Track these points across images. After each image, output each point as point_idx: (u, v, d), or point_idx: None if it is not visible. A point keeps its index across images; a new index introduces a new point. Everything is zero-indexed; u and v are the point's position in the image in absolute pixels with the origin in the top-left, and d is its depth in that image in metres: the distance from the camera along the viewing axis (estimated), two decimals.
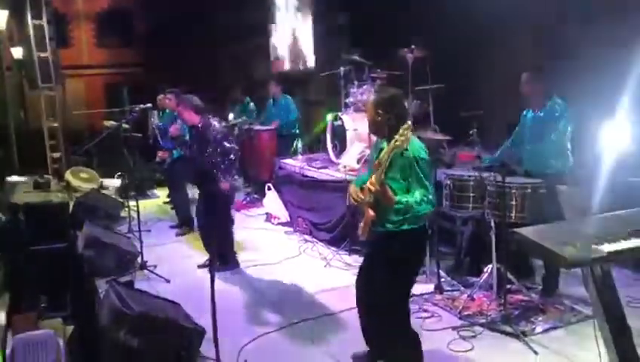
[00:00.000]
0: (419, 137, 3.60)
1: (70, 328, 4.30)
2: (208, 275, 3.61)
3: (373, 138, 6.42)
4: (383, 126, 3.37)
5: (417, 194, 3.19)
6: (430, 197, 3.25)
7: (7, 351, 3.53)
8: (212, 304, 3.59)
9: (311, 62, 10.18)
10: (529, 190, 4.35)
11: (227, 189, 5.58)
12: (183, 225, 7.46)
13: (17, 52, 11.98)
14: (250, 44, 12.78)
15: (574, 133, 4.66)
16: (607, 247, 2.33)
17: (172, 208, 7.99)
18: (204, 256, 5.98)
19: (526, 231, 2.48)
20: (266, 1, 11.46)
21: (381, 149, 3.35)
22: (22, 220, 4.94)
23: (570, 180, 4.49)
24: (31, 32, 10.16)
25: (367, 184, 3.23)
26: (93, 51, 19.62)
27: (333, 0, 9.36)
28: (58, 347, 3.63)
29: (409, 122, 3.18)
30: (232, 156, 5.60)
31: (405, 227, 3.33)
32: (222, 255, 5.86)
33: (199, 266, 5.93)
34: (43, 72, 10.32)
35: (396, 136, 3.08)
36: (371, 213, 3.30)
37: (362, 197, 3.35)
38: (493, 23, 6.46)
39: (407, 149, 3.14)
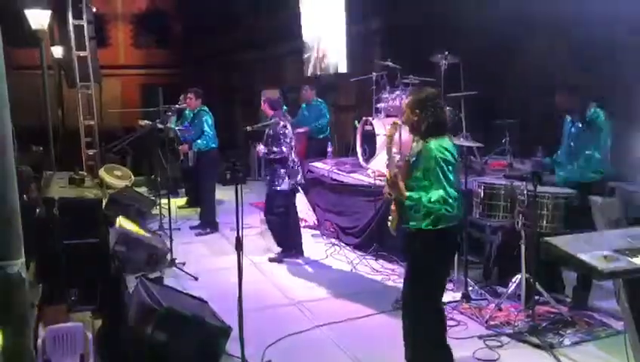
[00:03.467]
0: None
1: (99, 321, 4.38)
2: (236, 275, 3.65)
3: (404, 142, 6.41)
4: (419, 125, 3.42)
5: (433, 194, 3.24)
6: (451, 200, 3.24)
7: (38, 341, 3.62)
8: (239, 303, 3.63)
9: (343, 67, 10.19)
10: (562, 200, 4.27)
11: (259, 152, 6.17)
12: (207, 226, 7.52)
13: (57, 51, 12.29)
14: (284, 48, 12.86)
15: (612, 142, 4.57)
16: None
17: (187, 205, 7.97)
18: (232, 255, 6.04)
19: (557, 241, 2.44)
20: (299, 5, 11.52)
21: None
22: (56, 214, 5.05)
23: (605, 191, 4.40)
24: (71, 31, 10.39)
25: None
26: (130, 52, 20.03)
27: (366, 5, 9.36)
28: (87, 339, 3.70)
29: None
30: (281, 155, 6.02)
31: (426, 226, 3.37)
32: (289, 245, 6.34)
33: (270, 259, 6.29)
34: (81, 71, 10.55)
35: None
36: (392, 206, 3.46)
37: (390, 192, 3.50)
38: (528, 31, 6.39)
39: (431, 148, 3.27)
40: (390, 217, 3.57)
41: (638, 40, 5.15)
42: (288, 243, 6.36)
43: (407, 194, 3.30)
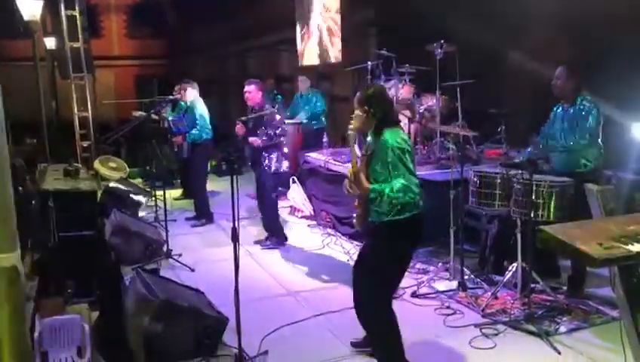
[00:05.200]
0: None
1: (96, 313, 4.38)
2: (232, 265, 3.64)
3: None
4: (369, 121, 3.48)
5: (395, 183, 3.27)
6: (413, 186, 3.28)
7: (35, 334, 3.61)
8: (236, 293, 3.63)
9: (338, 56, 10.16)
10: (557, 188, 4.28)
11: (256, 144, 6.07)
12: (201, 217, 7.52)
13: (50, 42, 12.22)
14: (278, 38, 12.81)
15: (603, 130, 4.58)
16: (636, 247, 2.28)
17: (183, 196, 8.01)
18: (229, 246, 6.04)
19: (552, 229, 2.44)
20: None
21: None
22: (52, 207, 5.03)
23: (599, 178, 4.41)
24: (64, 22, 10.32)
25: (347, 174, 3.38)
26: (124, 42, 19.92)
27: None
28: (84, 331, 3.70)
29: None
30: (280, 138, 6.11)
31: (391, 218, 3.38)
32: (270, 232, 6.45)
33: (255, 242, 6.45)
34: (74, 62, 10.49)
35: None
36: (356, 203, 3.48)
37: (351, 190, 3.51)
38: (524, 19, 6.38)
39: (386, 139, 3.32)
40: (355, 214, 3.59)
41: (636, 29, 5.14)
42: (276, 228, 6.49)
43: (371, 186, 3.32)
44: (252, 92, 6.21)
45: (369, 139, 3.57)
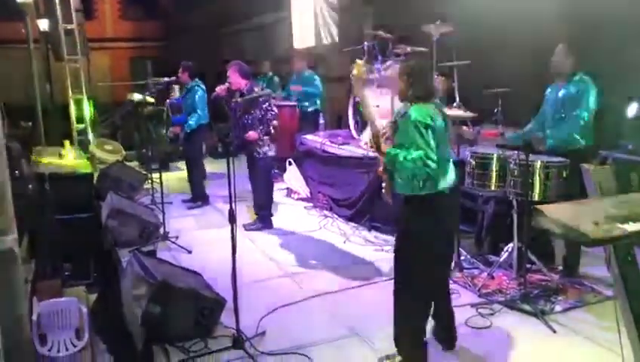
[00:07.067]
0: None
1: (93, 296, 4.40)
2: (229, 247, 3.65)
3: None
4: (407, 91, 3.42)
5: (412, 153, 3.17)
6: (430, 162, 3.14)
7: (33, 316, 3.63)
8: (233, 275, 3.64)
9: (334, 37, 10.09)
10: (553, 168, 4.28)
11: (254, 139, 6.02)
12: (197, 199, 7.52)
13: (43, 24, 12.07)
14: (273, 19, 12.70)
15: (599, 109, 4.57)
16: (631, 227, 2.28)
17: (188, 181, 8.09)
18: (225, 228, 6.05)
19: (548, 209, 2.44)
20: None
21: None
22: (48, 190, 5.02)
23: (594, 158, 4.41)
24: (57, 4, 10.20)
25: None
26: (118, 24, 19.73)
27: None
28: (81, 314, 3.72)
29: None
30: (269, 117, 6.01)
31: (413, 191, 3.30)
32: (262, 215, 6.42)
33: (244, 225, 6.36)
34: (68, 44, 10.39)
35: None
36: (380, 169, 3.45)
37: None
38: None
39: (411, 112, 3.23)
40: (384, 184, 3.56)
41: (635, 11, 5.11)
42: (264, 212, 6.45)
43: (386, 150, 3.28)
44: (230, 76, 6.16)
45: (400, 108, 3.55)
